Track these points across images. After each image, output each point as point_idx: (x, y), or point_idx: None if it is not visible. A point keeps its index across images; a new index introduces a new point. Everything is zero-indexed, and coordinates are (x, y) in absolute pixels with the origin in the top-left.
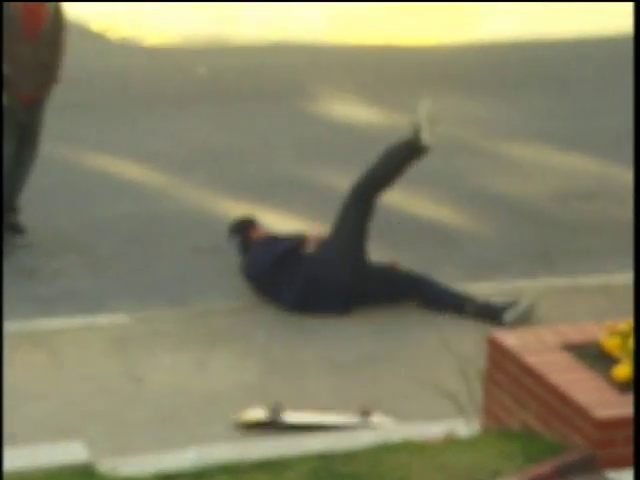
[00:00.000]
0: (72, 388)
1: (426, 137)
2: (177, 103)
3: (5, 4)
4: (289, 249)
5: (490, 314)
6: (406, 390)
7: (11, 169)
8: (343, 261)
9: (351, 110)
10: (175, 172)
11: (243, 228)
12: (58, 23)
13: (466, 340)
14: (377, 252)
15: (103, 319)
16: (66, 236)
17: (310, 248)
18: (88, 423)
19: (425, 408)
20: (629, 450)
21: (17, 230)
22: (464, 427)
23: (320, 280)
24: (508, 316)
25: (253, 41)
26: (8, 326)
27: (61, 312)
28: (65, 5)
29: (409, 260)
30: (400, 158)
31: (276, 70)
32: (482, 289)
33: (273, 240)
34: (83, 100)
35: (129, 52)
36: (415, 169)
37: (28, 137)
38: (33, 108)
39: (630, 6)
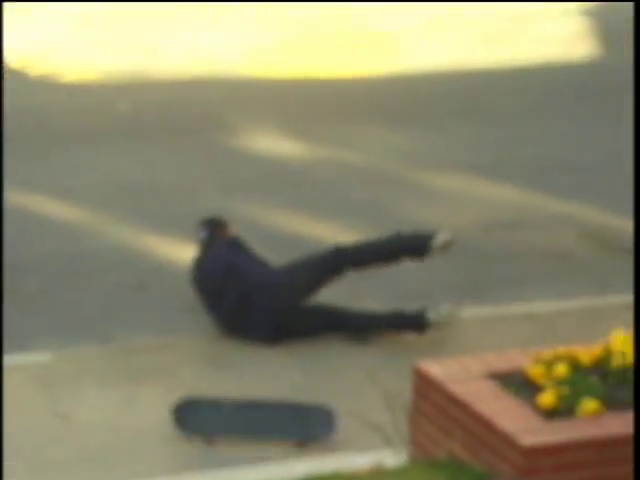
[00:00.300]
0: None
1: (434, 247)
2: (97, 139)
3: None
4: (241, 263)
5: (416, 320)
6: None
7: None
8: (284, 293)
9: (272, 143)
10: (97, 209)
11: (213, 225)
12: None
13: (392, 370)
14: None
15: (28, 357)
16: None
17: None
18: (13, 462)
19: (352, 440)
20: (556, 477)
21: None
22: (391, 458)
23: (254, 302)
24: (432, 315)
25: (173, 75)
26: None
27: None
28: None
29: (332, 292)
30: (397, 251)
31: (196, 104)
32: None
33: (234, 247)
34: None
35: (48, 88)
36: (339, 200)
37: None
38: None
39: (550, 34)
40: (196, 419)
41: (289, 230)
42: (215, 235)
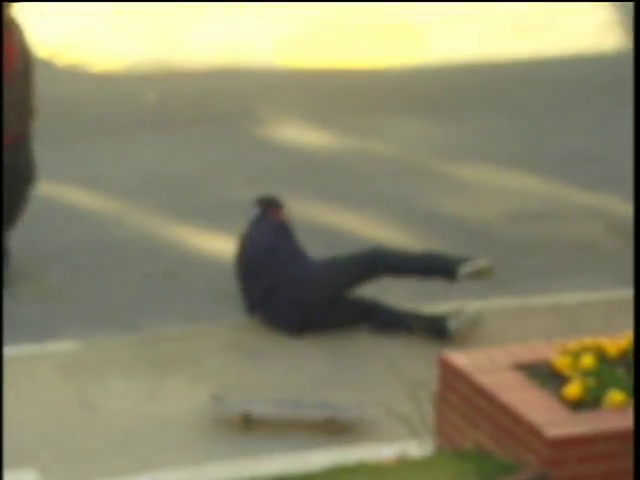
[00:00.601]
0: (24, 416)
1: (462, 275)
2: (125, 129)
3: None
4: (282, 248)
5: (436, 327)
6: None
7: None
8: (314, 290)
9: (301, 134)
10: (124, 198)
11: (267, 204)
12: (28, 57)
13: (417, 361)
14: None
15: (54, 346)
16: (15, 263)
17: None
18: (41, 451)
19: (378, 430)
20: (581, 468)
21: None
22: (417, 448)
23: (283, 293)
24: (452, 324)
25: (201, 66)
26: None
27: (11, 340)
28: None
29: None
30: (432, 268)
31: (225, 95)
32: (434, 310)
33: (281, 231)
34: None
35: (76, 78)
36: (367, 191)
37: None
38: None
39: (580, 26)
40: (234, 402)
41: (318, 221)
42: (267, 215)
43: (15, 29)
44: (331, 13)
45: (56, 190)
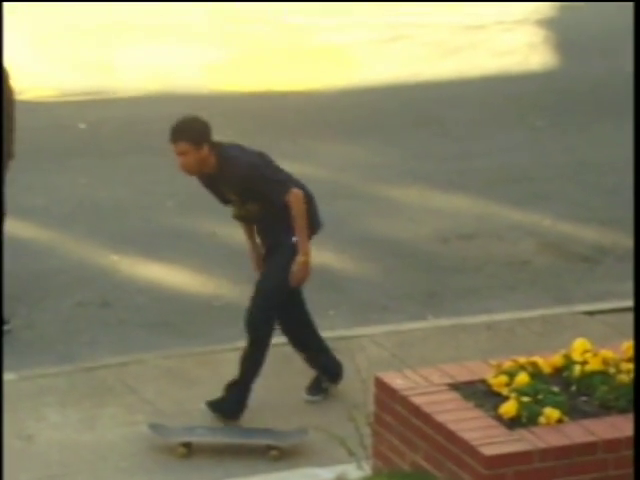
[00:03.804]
0: None
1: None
2: (57, 158)
3: None
4: None
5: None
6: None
7: None
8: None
9: None
10: (57, 227)
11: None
12: (6, 97)
13: (354, 383)
14: None
15: None
16: None
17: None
18: None
19: (316, 454)
20: None
21: None
22: (355, 471)
23: None
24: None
25: (131, 92)
26: None
27: None
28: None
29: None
30: (317, 358)
31: (155, 121)
32: (369, 332)
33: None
34: None
35: None
36: None
37: None
38: None
39: (506, 44)
40: (173, 430)
41: (238, 242)
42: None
43: None
44: (255, 37)
45: None
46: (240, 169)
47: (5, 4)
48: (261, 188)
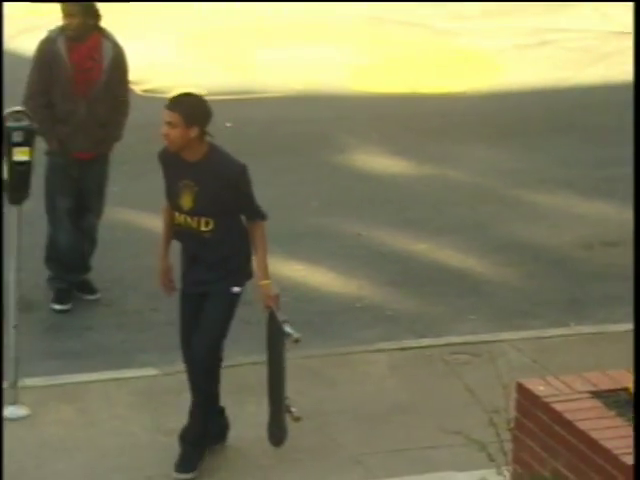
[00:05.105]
0: (101, 442)
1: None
2: None
3: (56, 60)
4: None
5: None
6: (435, 440)
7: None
8: None
9: (376, 160)
10: None
11: None
12: (115, 81)
13: (495, 388)
14: (405, 301)
15: (131, 373)
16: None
17: None
18: (117, 478)
19: (455, 458)
20: None
21: (86, 290)
22: (494, 476)
23: None
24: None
25: (276, 93)
26: (37, 381)
27: (89, 366)
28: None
29: (437, 309)
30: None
31: (300, 122)
32: (510, 337)
33: None
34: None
35: (154, 105)
36: (442, 218)
37: (85, 194)
38: (87, 165)
39: None
40: None
41: (392, 247)
42: None
43: (107, 45)
44: (403, 41)
45: (134, 217)
46: (232, 168)
47: (150, 5)
48: (239, 198)
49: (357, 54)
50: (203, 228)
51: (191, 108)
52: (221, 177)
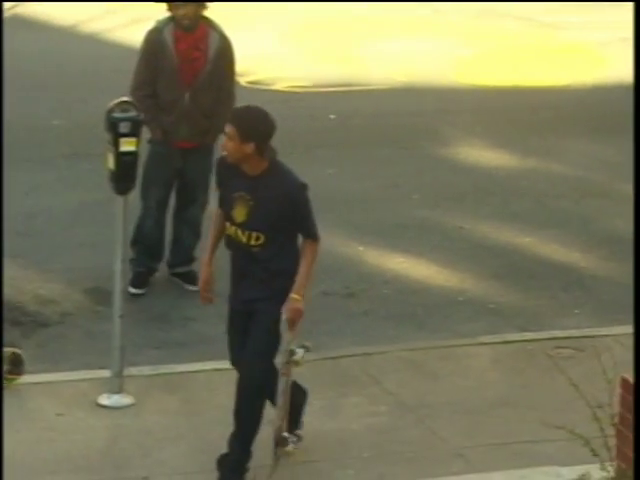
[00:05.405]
0: (205, 432)
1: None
2: (305, 147)
3: (162, 50)
4: None
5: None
6: (538, 434)
7: (178, 220)
8: None
9: (479, 153)
10: None
11: None
12: (220, 72)
13: (599, 383)
14: (508, 294)
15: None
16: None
17: None
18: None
19: (557, 452)
20: None
21: (190, 281)
22: (598, 472)
23: None
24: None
25: (381, 85)
26: (142, 370)
27: (193, 356)
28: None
29: (540, 303)
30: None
31: (403, 115)
32: (614, 332)
33: None
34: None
35: (259, 96)
36: (545, 211)
37: (189, 186)
38: (190, 155)
39: None
40: None
41: (496, 240)
42: None
43: (214, 35)
44: (507, 32)
45: None
46: (292, 185)
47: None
48: (295, 216)
49: (462, 46)
50: (253, 242)
51: (248, 124)
52: (279, 193)
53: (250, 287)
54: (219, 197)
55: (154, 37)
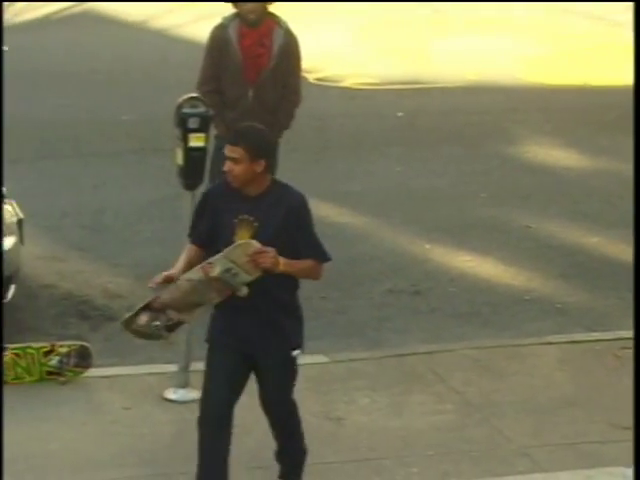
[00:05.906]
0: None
1: None
2: (373, 144)
3: (226, 46)
4: None
5: None
6: (604, 435)
7: None
8: None
9: (548, 152)
10: (371, 214)
11: None
12: (284, 68)
13: None
14: (575, 294)
15: (302, 360)
16: None
17: None
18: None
19: (624, 454)
20: None
21: None
22: None
23: None
24: None
25: (448, 83)
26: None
27: None
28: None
29: (607, 303)
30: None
31: (472, 112)
32: None
33: None
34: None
35: (327, 93)
36: (614, 211)
37: None
38: None
39: None
40: None
41: (564, 240)
42: None
43: (279, 31)
44: (578, 31)
45: None
46: (294, 196)
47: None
48: (299, 231)
49: (532, 45)
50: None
51: (256, 142)
52: (283, 206)
53: (252, 323)
54: (206, 228)
55: (219, 33)
